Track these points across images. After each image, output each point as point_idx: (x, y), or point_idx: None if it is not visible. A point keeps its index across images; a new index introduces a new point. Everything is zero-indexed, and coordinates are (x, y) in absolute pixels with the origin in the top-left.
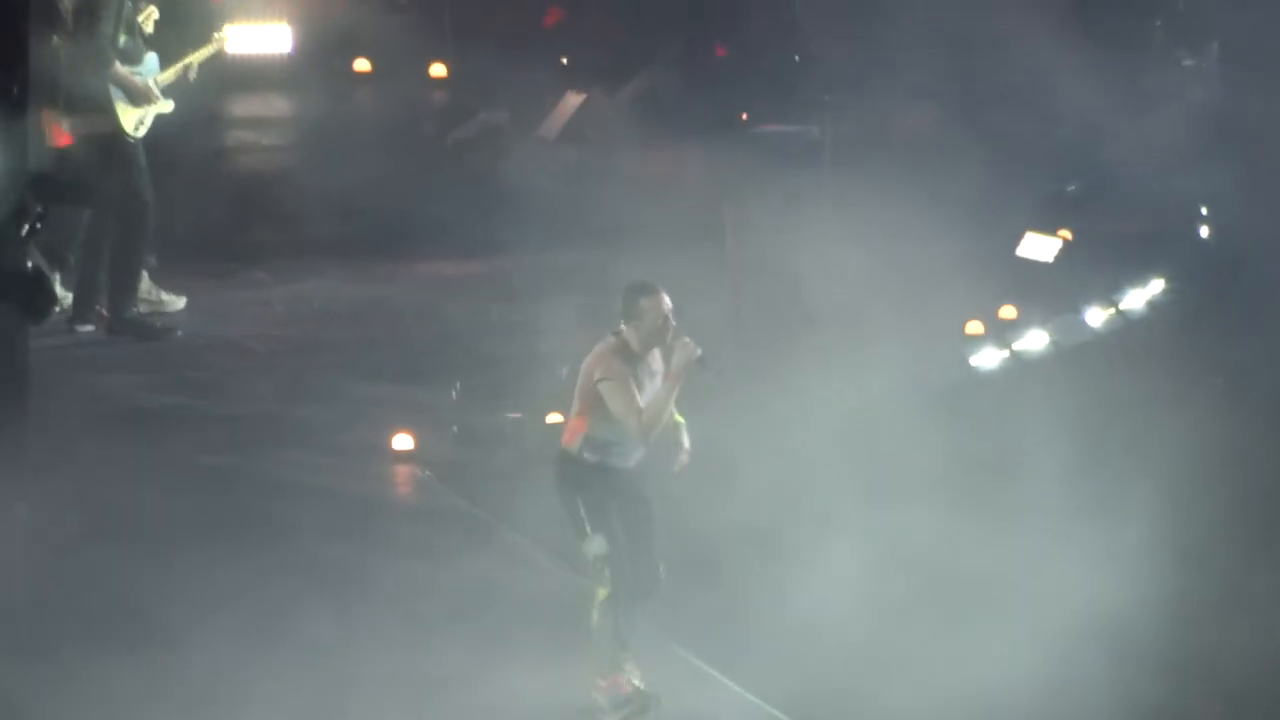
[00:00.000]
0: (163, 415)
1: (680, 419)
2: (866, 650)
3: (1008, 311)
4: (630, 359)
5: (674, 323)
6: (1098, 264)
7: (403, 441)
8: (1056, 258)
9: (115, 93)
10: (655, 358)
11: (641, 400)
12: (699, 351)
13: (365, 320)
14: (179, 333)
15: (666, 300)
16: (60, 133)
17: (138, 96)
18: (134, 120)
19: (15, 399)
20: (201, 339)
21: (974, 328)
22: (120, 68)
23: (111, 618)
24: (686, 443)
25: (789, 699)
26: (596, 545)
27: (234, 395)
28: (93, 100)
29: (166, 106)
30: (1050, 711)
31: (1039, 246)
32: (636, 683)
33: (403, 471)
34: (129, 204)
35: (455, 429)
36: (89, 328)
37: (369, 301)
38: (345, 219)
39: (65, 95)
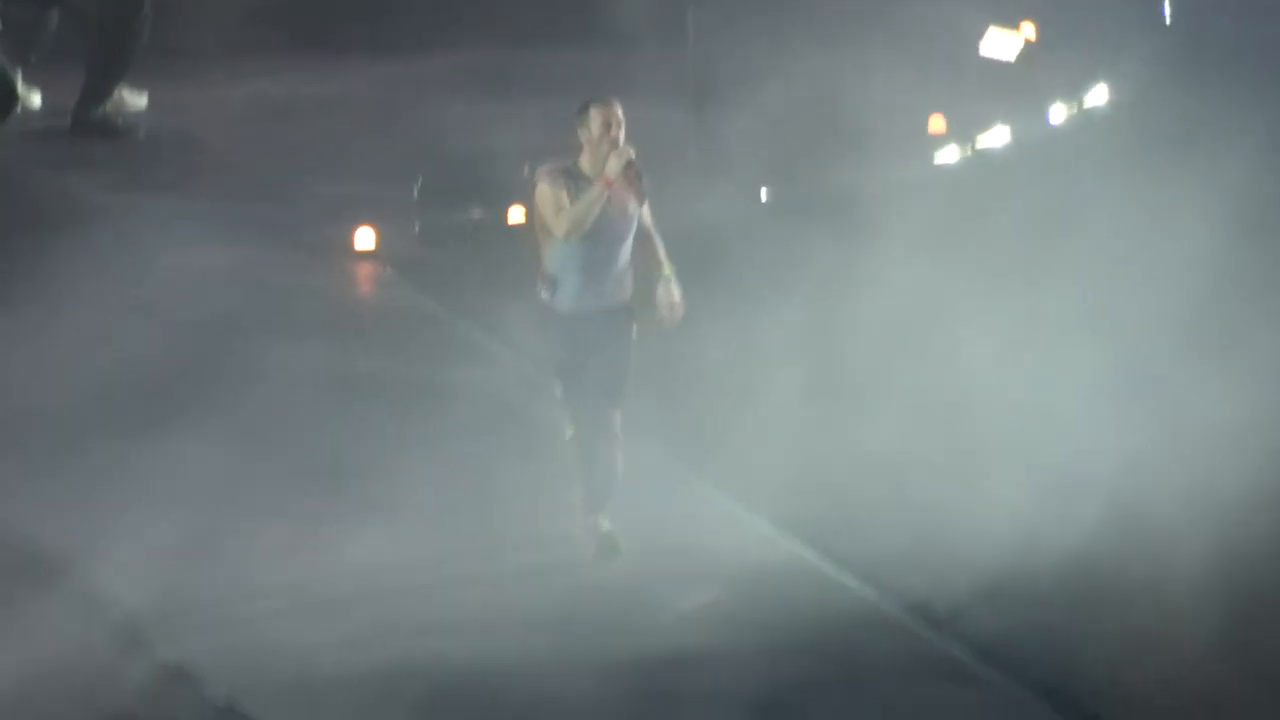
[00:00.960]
0: (125, 213)
1: (668, 271)
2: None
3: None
4: (575, 175)
5: (619, 134)
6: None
7: (365, 238)
8: (1019, 56)
9: None
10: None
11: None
12: (632, 155)
13: (326, 118)
14: (140, 132)
15: (615, 111)
16: None
17: None
18: None
19: None
20: (162, 138)
21: (937, 125)
22: None
23: (81, 410)
24: (676, 295)
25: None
26: (555, 389)
27: (195, 194)
28: None
29: None
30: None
31: (1002, 44)
32: (604, 526)
33: (365, 268)
34: (128, 13)
35: (417, 226)
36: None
37: (330, 99)
38: (307, 14)
39: None
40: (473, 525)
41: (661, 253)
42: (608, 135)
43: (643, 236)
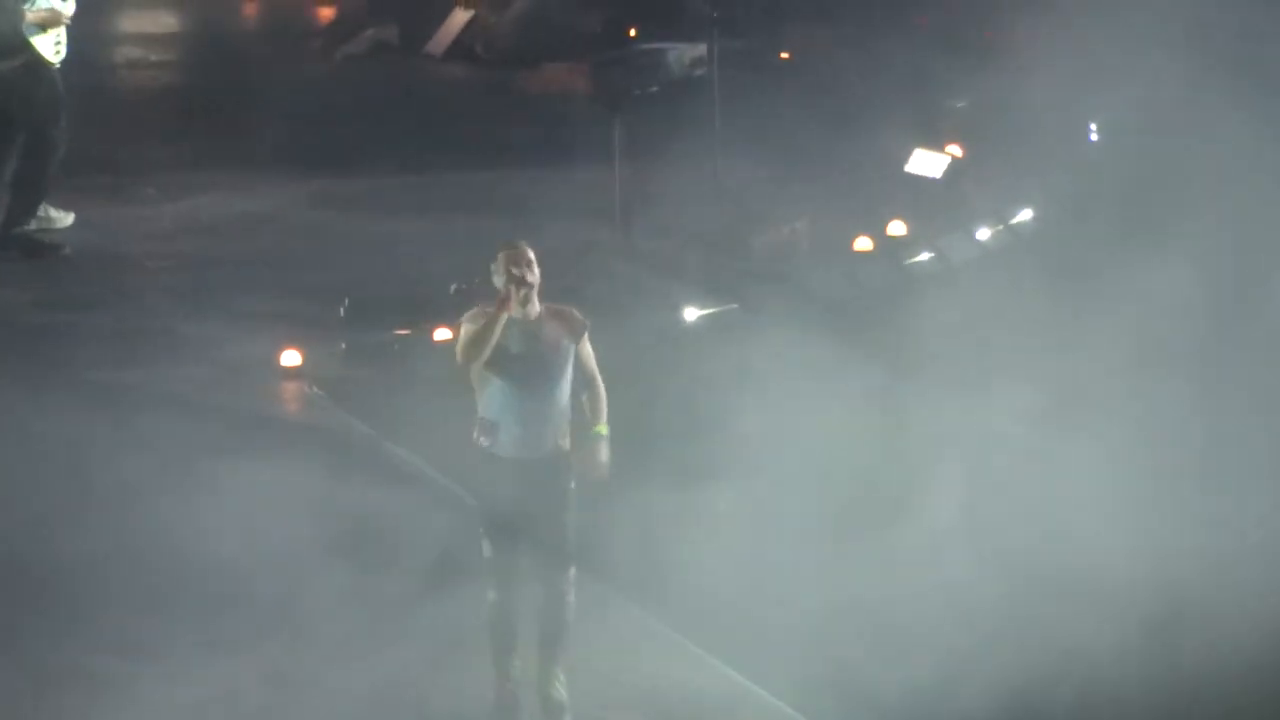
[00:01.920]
0: (50, 331)
1: (604, 429)
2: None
3: (897, 228)
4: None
5: (526, 274)
6: (986, 181)
7: (291, 358)
8: (945, 174)
9: (28, 29)
10: (543, 324)
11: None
12: (533, 283)
13: (254, 236)
14: (67, 249)
15: (524, 253)
16: None
17: (48, 23)
18: (50, 47)
19: None
20: (89, 255)
21: (863, 244)
22: (27, 10)
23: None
24: (604, 455)
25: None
26: (484, 547)
27: (122, 311)
28: (7, 44)
29: (69, 9)
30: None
31: (928, 163)
32: (557, 693)
33: (290, 388)
34: (46, 128)
35: (343, 345)
36: None
37: (257, 217)
38: (233, 136)
39: None
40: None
41: (602, 404)
42: (515, 276)
43: (583, 381)
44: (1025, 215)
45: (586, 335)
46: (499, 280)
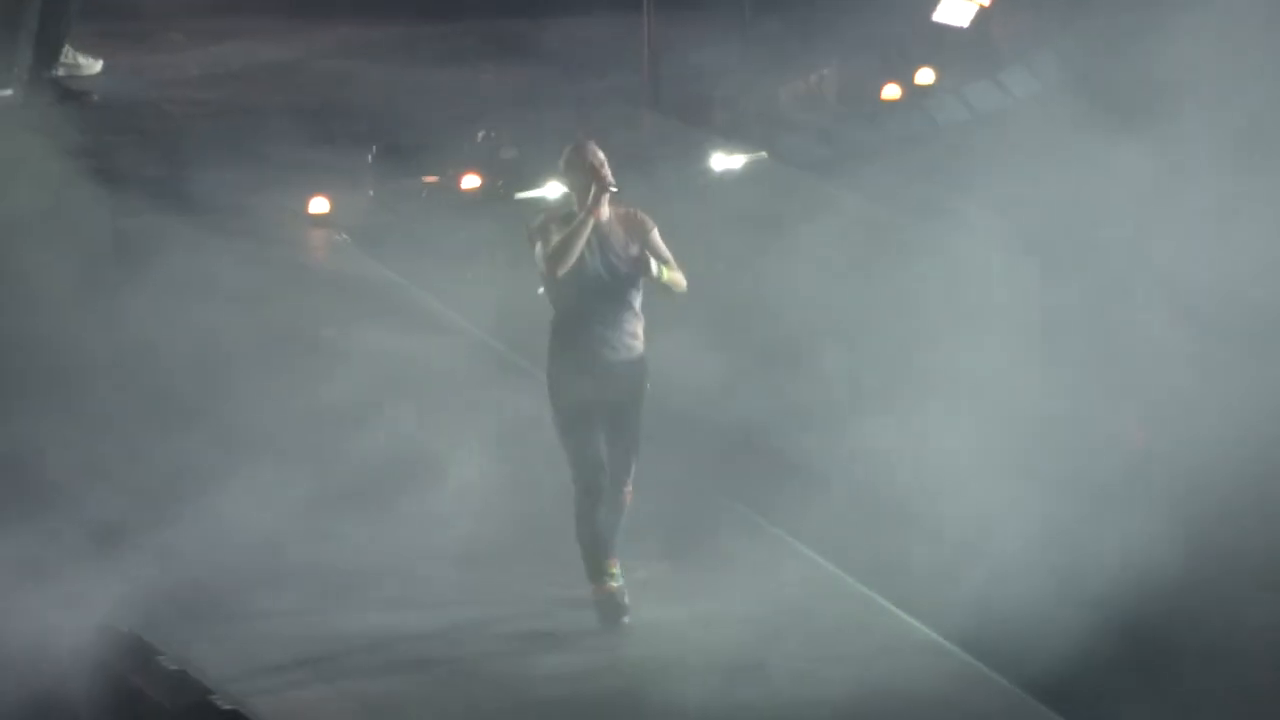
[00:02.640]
0: (79, 177)
1: (667, 274)
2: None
3: (925, 76)
4: (570, 219)
5: (603, 171)
6: (1014, 28)
7: (319, 205)
8: (973, 22)
9: None
10: (613, 226)
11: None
12: (613, 187)
13: (281, 84)
14: (95, 95)
15: (592, 150)
16: None
17: None
18: None
19: None
20: (117, 102)
21: (890, 92)
22: None
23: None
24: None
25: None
26: (565, 444)
27: (150, 159)
28: None
29: None
30: None
31: (956, 10)
32: (612, 585)
33: (319, 235)
34: None
35: (371, 192)
36: (7, 91)
37: (284, 64)
38: None
39: None
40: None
41: (679, 275)
42: (602, 178)
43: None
44: (1050, 62)
45: (655, 231)
46: (570, 179)
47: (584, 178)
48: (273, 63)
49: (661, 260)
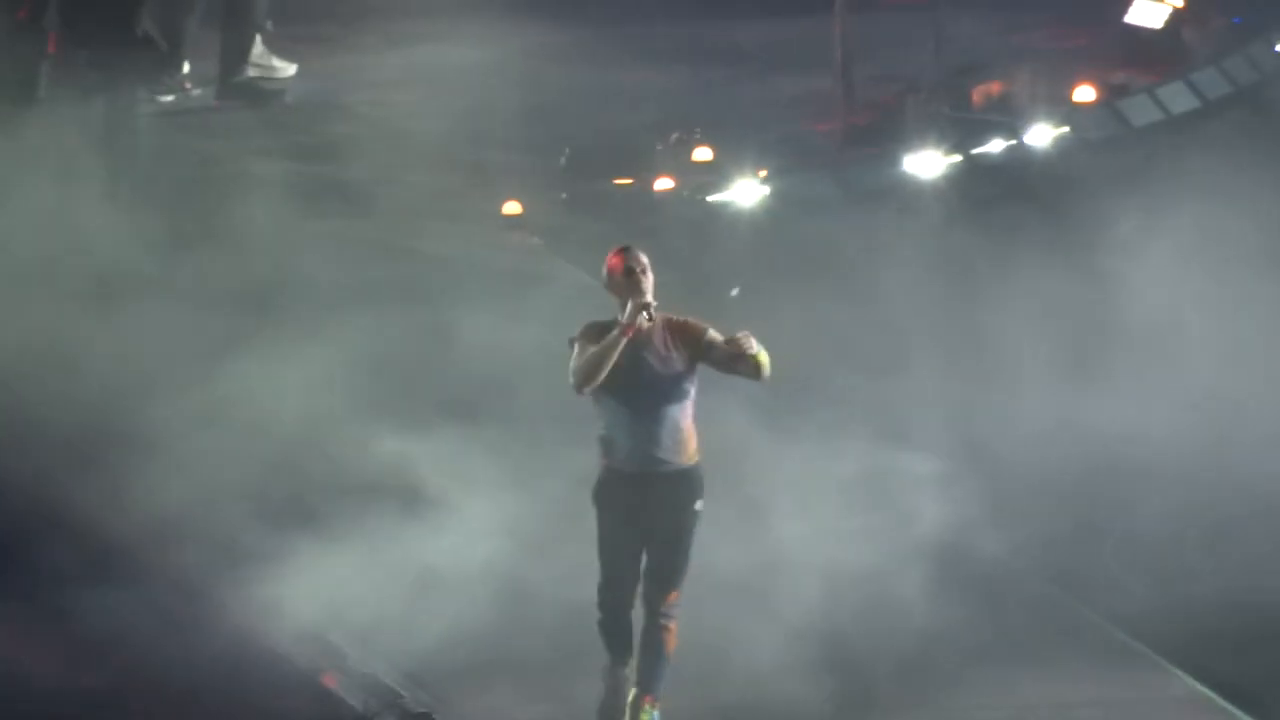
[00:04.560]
0: (272, 181)
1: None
2: None
3: (1117, 78)
4: (609, 330)
5: (643, 280)
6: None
7: (512, 208)
8: (1166, 24)
9: None
10: (653, 335)
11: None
12: (651, 301)
13: (473, 87)
14: (288, 98)
15: (636, 257)
16: None
17: None
18: None
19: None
20: (311, 104)
21: (1083, 94)
22: None
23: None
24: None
25: None
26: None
27: (343, 161)
28: None
29: None
30: None
31: (1148, 12)
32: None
33: (512, 237)
34: None
35: (564, 195)
36: (169, 98)
37: (477, 67)
38: None
39: None
40: None
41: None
42: (630, 282)
43: (727, 362)
44: (1241, 65)
45: (710, 332)
46: (616, 288)
47: (623, 290)
48: (464, 65)
49: (731, 352)
